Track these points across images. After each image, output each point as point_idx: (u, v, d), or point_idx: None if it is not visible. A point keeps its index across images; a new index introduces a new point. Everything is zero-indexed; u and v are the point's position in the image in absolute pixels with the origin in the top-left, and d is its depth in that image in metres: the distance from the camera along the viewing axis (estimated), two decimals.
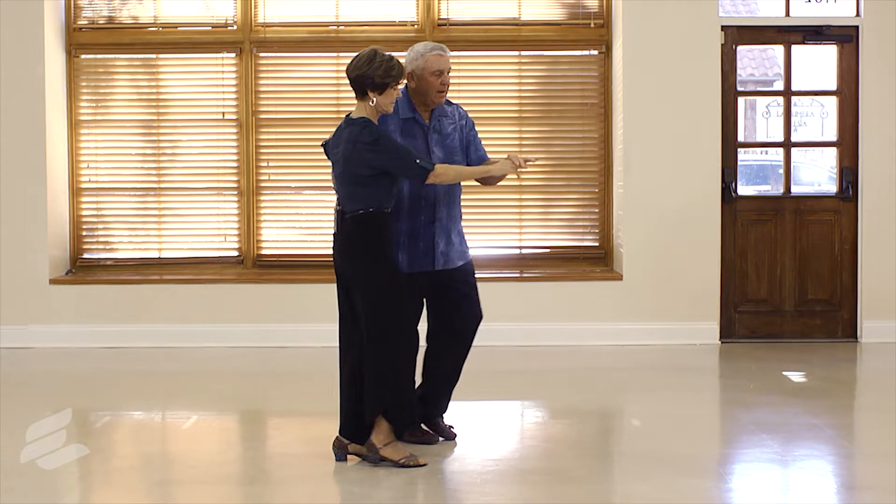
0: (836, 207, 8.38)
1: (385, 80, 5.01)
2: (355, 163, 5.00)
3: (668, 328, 8.18)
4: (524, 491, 4.87)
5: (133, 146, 8.65)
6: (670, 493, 4.76)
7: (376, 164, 4.98)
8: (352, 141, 5.01)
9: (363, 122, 5.03)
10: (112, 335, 8.20)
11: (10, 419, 5.97)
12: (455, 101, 5.63)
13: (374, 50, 5.07)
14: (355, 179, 5.01)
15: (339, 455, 5.17)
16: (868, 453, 5.49)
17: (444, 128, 5.39)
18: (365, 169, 4.98)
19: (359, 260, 5.04)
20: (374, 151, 4.97)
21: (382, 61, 5.01)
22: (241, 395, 6.89)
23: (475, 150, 5.52)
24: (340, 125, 5.17)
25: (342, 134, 5.10)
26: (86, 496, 4.93)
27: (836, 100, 8.40)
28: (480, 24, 8.50)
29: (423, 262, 5.30)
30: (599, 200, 8.56)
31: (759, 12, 9.78)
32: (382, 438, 5.06)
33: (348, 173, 5.03)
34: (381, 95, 5.04)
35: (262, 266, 8.54)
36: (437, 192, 5.29)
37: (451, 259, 5.38)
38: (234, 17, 8.51)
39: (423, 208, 5.28)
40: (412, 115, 5.33)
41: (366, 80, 5.02)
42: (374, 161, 4.98)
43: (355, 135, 5.01)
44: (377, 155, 4.97)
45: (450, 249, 5.37)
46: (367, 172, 4.99)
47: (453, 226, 5.40)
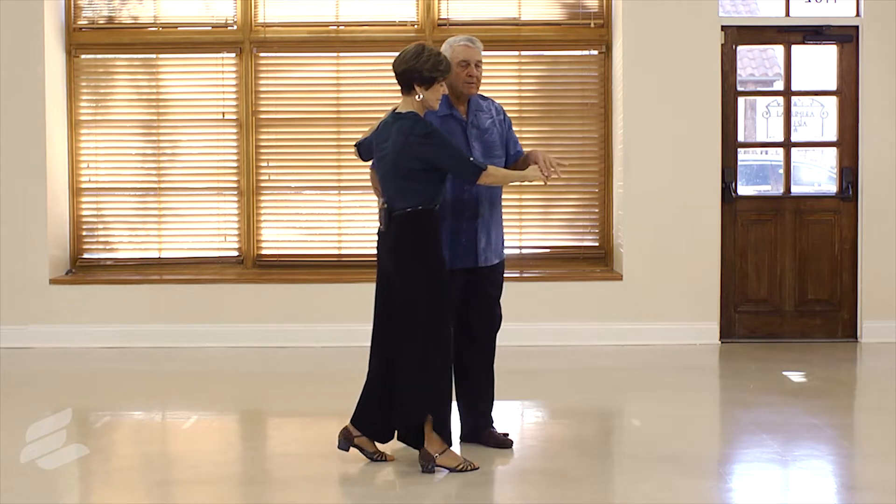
0: (836, 207, 8.38)
1: (433, 74, 4.96)
2: (407, 156, 4.93)
3: (668, 328, 8.18)
4: (524, 491, 4.87)
5: (133, 146, 8.65)
6: (670, 493, 4.76)
7: (429, 157, 4.92)
8: (403, 133, 4.95)
9: (413, 115, 4.98)
10: (112, 335, 8.20)
11: (10, 419, 5.97)
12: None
13: (422, 44, 5.03)
14: (405, 174, 4.94)
15: (343, 444, 5.12)
16: (868, 453, 5.49)
17: (481, 122, 5.35)
18: (417, 162, 4.92)
19: (408, 259, 4.97)
20: (427, 145, 4.91)
21: (430, 55, 4.96)
22: (241, 395, 6.88)
23: (513, 145, 5.48)
24: (384, 121, 5.10)
25: (388, 129, 5.03)
26: (86, 496, 4.93)
27: (836, 100, 8.40)
28: (480, 24, 8.50)
29: (466, 258, 5.27)
30: (599, 200, 8.56)
31: (759, 12, 9.77)
32: (437, 447, 4.98)
33: (398, 168, 4.96)
34: (429, 90, 4.98)
35: (262, 266, 8.54)
36: (480, 189, 5.25)
37: (490, 256, 5.36)
38: (234, 17, 8.51)
39: (467, 204, 5.25)
40: (450, 111, 5.28)
41: (414, 75, 4.95)
42: (427, 154, 4.92)
43: (407, 128, 4.95)
44: (431, 149, 4.92)
45: (489, 247, 5.34)
46: (418, 166, 4.92)
47: (494, 223, 5.37)
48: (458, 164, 4.97)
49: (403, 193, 4.96)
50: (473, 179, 5.01)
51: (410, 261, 4.98)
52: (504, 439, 5.42)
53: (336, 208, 8.54)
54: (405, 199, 4.96)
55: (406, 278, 4.99)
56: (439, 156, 4.94)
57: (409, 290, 4.98)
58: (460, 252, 5.25)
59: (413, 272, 4.98)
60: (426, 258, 4.98)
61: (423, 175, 4.95)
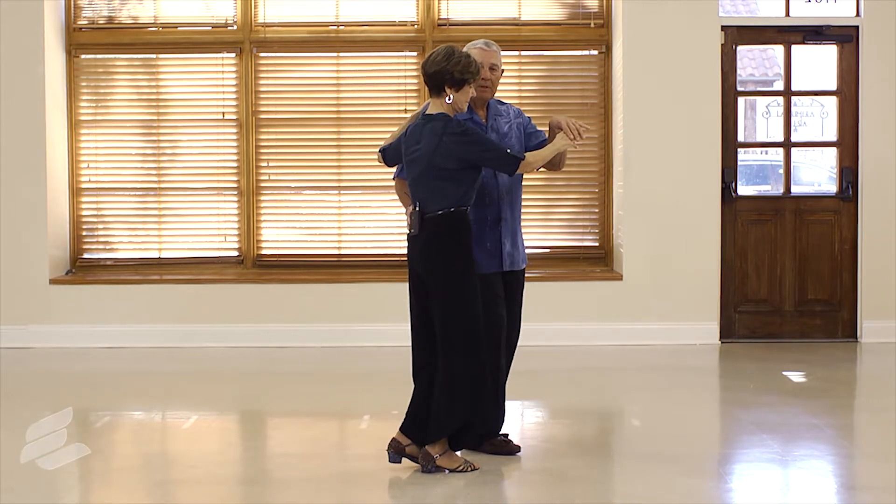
0: (836, 207, 8.38)
1: (464, 76, 4.94)
2: (442, 155, 4.90)
3: (668, 328, 8.18)
4: (524, 491, 4.87)
5: (133, 146, 8.65)
6: (670, 493, 4.76)
7: (467, 155, 4.90)
8: (437, 134, 4.92)
9: (444, 116, 4.96)
10: (112, 335, 8.20)
11: (10, 419, 5.97)
12: None
13: (452, 47, 5.01)
14: (439, 175, 4.91)
15: (393, 457, 5.03)
16: (868, 453, 5.49)
17: (500, 127, 5.31)
18: (453, 162, 4.90)
19: (440, 261, 4.93)
20: (463, 143, 4.89)
21: (461, 57, 4.95)
22: (241, 395, 6.88)
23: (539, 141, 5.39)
24: (413, 124, 5.06)
25: (420, 130, 4.99)
26: (86, 496, 4.93)
27: (836, 100, 8.40)
28: (480, 24, 8.50)
29: (491, 263, 5.20)
30: (599, 200, 8.56)
31: (759, 12, 9.77)
32: (438, 449, 4.97)
33: (432, 169, 4.92)
34: (459, 92, 4.96)
35: (262, 266, 8.54)
36: (501, 191, 5.22)
37: (516, 260, 5.32)
38: (234, 17, 8.51)
39: (489, 208, 5.20)
40: (469, 115, 5.24)
41: (445, 76, 4.93)
42: (464, 153, 4.90)
43: (440, 128, 4.92)
44: (467, 146, 4.90)
45: (515, 251, 5.30)
46: (454, 165, 4.90)
47: (517, 226, 5.34)
48: (496, 157, 4.97)
49: (436, 195, 4.93)
50: (513, 170, 5.01)
51: (444, 263, 4.94)
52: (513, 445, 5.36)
53: (336, 208, 8.54)
54: (438, 200, 4.93)
55: (439, 281, 4.95)
56: (476, 152, 4.93)
57: (443, 292, 4.94)
58: (486, 257, 5.18)
59: (446, 274, 4.94)
60: (460, 260, 4.95)
61: (457, 175, 4.93)
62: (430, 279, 4.98)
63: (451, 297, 4.93)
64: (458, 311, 4.92)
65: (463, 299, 4.93)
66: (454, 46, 5.03)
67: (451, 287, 4.93)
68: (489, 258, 5.20)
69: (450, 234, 4.95)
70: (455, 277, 4.94)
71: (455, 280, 4.94)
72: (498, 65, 5.30)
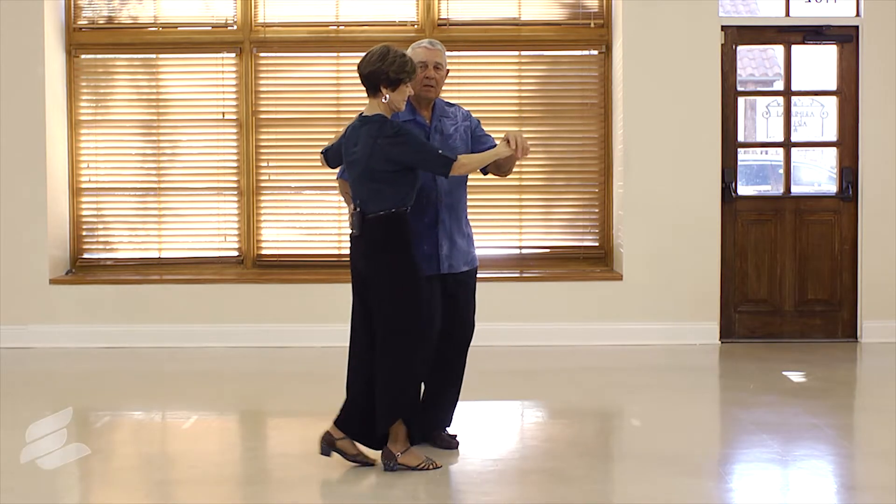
0: (836, 207, 8.38)
1: (399, 75, 4.97)
2: (377, 159, 4.92)
3: (668, 328, 8.18)
4: (524, 491, 4.87)
5: (133, 146, 8.65)
6: (670, 493, 4.76)
7: (399, 158, 4.91)
8: (372, 136, 4.95)
9: (380, 118, 4.99)
10: (112, 335, 8.20)
11: (10, 419, 5.97)
12: (455, 101, 5.61)
13: (388, 46, 5.03)
14: (377, 177, 4.94)
15: (325, 449, 5.08)
16: (868, 453, 5.49)
17: (445, 128, 5.33)
18: (388, 164, 4.91)
19: (381, 260, 4.96)
20: (396, 145, 4.91)
21: (396, 57, 4.97)
22: (241, 395, 6.88)
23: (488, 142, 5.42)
24: (351, 126, 5.11)
25: (357, 133, 5.03)
26: (86, 496, 4.93)
27: (836, 100, 8.41)
28: (480, 24, 8.50)
29: (429, 266, 5.22)
30: (599, 200, 8.56)
31: (759, 12, 9.77)
32: (399, 447, 5.00)
33: (369, 171, 4.95)
34: (395, 92, 4.99)
35: (262, 266, 8.54)
36: (440, 193, 5.24)
37: (455, 263, 5.32)
38: (234, 17, 8.52)
39: (426, 210, 5.21)
40: (412, 116, 5.28)
41: (380, 76, 4.96)
42: (396, 155, 4.91)
43: (375, 131, 4.95)
44: (399, 148, 4.91)
45: (454, 253, 5.30)
46: (389, 168, 4.92)
47: (457, 228, 5.33)
48: (427, 158, 4.97)
49: (375, 196, 4.95)
50: (446, 171, 5.00)
51: (385, 263, 4.97)
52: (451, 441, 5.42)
53: (336, 208, 8.53)
54: (378, 202, 4.95)
55: (381, 281, 4.98)
56: (409, 154, 4.93)
57: (383, 292, 4.98)
58: (423, 259, 5.19)
59: (388, 274, 4.97)
60: (400, 261, 4.97)
61: (394, 177, 4.94)
62: (371, 279, 5.00)
63: (391, 297, 4.96)
64: (398, 311, 4.95)
65: (403, 299, 4.96)
66: (390, 46, 5.04)
67: (391, 287, 4.96)
68: (426, 261, 5.20)
69: (390, 234, 4.96)
70: (395, 277, 4.96)
71: (395, 280, 4.96)
72: (443, 64, 5.33)
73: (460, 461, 5.24)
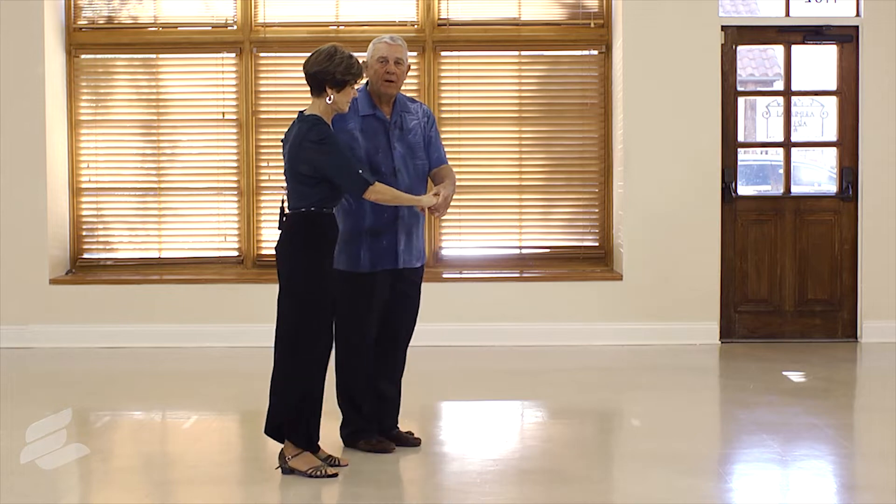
0: (836, 207, 8.38)
1: (345, 77, 4.92)
2: (298, 160, 4.90)
3: (668, 328, 8.18)
4: (524, 491, 4.87)
5: (133, 146, 8.65)
6: (670, 493, 4.76)
7: (317, 164, 4.87)
8: (299, 137, 4.92)
9: (314, 119, 4.93)
10: (112, 335, 8.20)
11: (10, 419, 5.97)
12: (455, 102, 5.61)
13: (335, 46, 4.99)
14: (299, 178, 4.93)
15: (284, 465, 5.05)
16: (868, 453, 5.49)
17: (405, 123, 5.32)
18: (308, 168, 4.89)
19: (292, 259, 4.96)
20: (318, 152, 4.87)
21: (343, 58, 4.93)
22: (241, 395, 6.88)
23: (434, 150, 5.43)
24: (294, 121, 5.07)
25: (291, 130, 5.02)
26: (86, 496, 4.93)
27: (836, 100, 8.40)
28: (480, 24, 8.50)
29: (386, 260, 5.24)
30: (599, 200, 8.56)
31: (759, 12, 9.77)
32: (291, 450, 5.01)
33: (293, 170, 4.94)
34: (340, 93, 4.94)
35: (262, 266, 8.54)
36: (399, 188, 5.19)
37: (410, 258, 5.33)
38: (234, 17, 8.51)
39: (388, 206, 5.18)
40: (372, 111, 5.26)
41: (326, 76, 4.91)
42: (315, 161, 4.87)
43: (303, 132, 4.91)
44: (320, 156, 4.87)
45: (410, 248, 5.32)
46: (308, 172, 4.89)
47: (416, 223, 5.34)
48: (343, 175, 4.91)
49: (299, 194, 4.95)
50: (358, 194, 4.95)
51: (294, 261, 4.96)
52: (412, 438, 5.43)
53: None
54: (300, 199, 4.94)
55: (289, 278, 4.97)
56: (326, 164, 4.88)
57: (291, 288, 4.96)
58: (381, 253, 5.22)
59: (298, 272, 4.95)
60: (310, 261, 4.95)
61: (313, 180, 4.91)
62: (280, 275, 5.00)
63: (297, 295, 4.95)
64: (301, 309, 4.94)
65: (307, 300, 4.94)
66: (337, 46, 5.01)
67: (299, 284, 4.95)
68: (384, 255, 5.22)
69: (305, 233, 4.94)
70: (305, 276, 4.94)
71: (304, 278, 4.94)
72: (403, 59, 5.30)
73: (460, 461, 5.24)
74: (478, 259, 8.57)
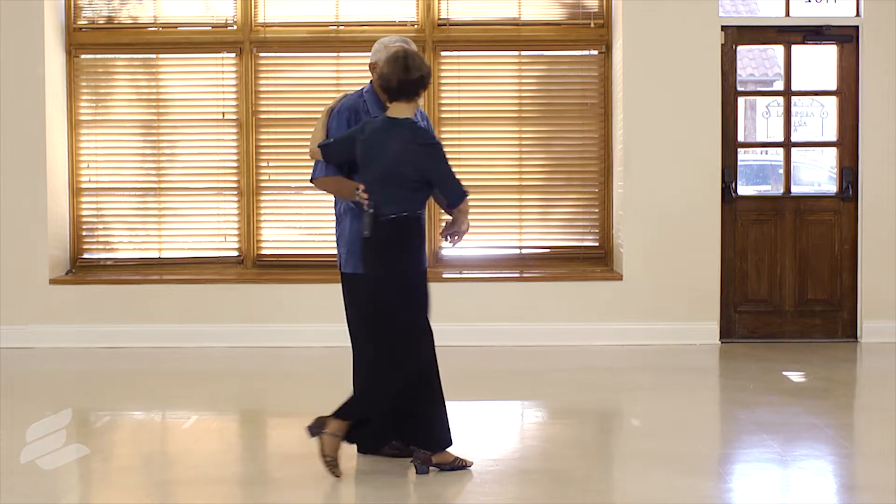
0: (836, 207, 8.38)
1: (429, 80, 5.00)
2: (404, 164, 4.84)
3: (668, 328, 8.18)
4: (524, 491, 4.87)
5: (133, 146, 8.65)
6: (670, 493, 4.76)
7: (425, 168, 4.86)
8: (404, 141, 4.86)
9: (411, 122, 4.91)
10: (112, 335, 8.20)
11: (10, 419, 5.97)
12: (455, 102, 5.61)
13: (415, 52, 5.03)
14: (401, 182, 4.86)
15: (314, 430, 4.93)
16: (868, 453, 5.49)
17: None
18: (412, 172, 4.85)
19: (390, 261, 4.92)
20: (426, 156, 4.86)
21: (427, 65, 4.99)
22: (241, 395, 6.89)
23: None
24: (371, 125, 4.97)
25: (384, 134, 4.90)
26: (86, 496, 4.93)
27: (836, 100, 8.40)
28: (480, 24, 8.50)
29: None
30: (599, 200, 8.56)
31: (759, 12, 9.77)
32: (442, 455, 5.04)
33: (395, 175, 4.86)
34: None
35: (262, 266, 8.54)
36: None
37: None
38: (234, 17, 8.51)
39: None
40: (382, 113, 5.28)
41: (425, 83, 4.94)
42: (423, 165, 4.85)
43: (408, 136, 4.86)
44: (428, 160, 4.86)
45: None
46: (413, 177, 4.86)
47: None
48: (449, 181, 4.91)
49: (397, 199, 4.88)
50: (457, 202, 4.96)
51: (393, 264, 4.91)
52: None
53: None
54: (393, 205, 4.88)
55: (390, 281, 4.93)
56: (435, 169, 4.88)
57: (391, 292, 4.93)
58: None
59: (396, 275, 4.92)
60: (409, 263, 4.93)
61: (416, 185, 4.88)
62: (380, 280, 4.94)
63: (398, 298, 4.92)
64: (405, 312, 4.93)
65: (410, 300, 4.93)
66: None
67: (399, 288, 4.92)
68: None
69: (400, 237, 4.91)
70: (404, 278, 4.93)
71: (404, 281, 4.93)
72: None
73: None
74: (478, 259, 8.57)
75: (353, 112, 5.15)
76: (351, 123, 5.11)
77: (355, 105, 5.18)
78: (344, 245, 5.20)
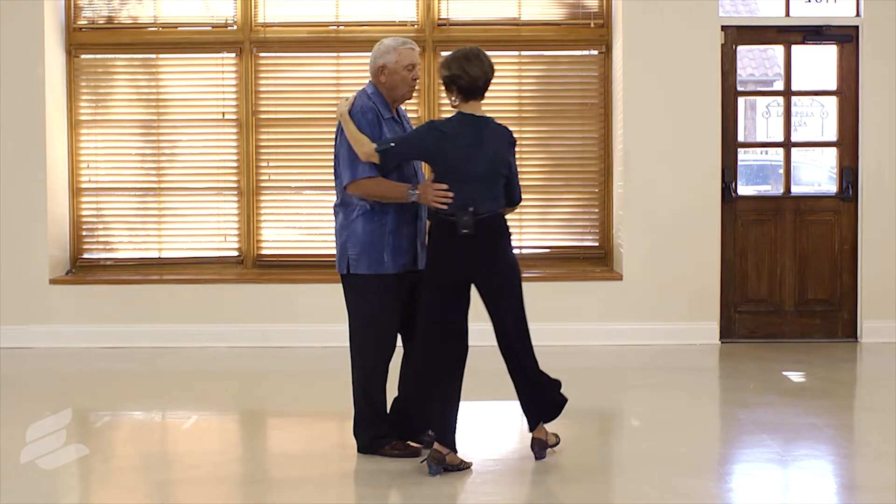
0: (836, 207, 8.38)
1: None
2: (503, 163, 5.08)
3: (668, 328, 8.18)
4: (524, 491, 4.87)
5: (133, 146, 8.65)
6: (670, 493, 4.76)
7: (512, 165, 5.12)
8: (503, 140, 5.10)
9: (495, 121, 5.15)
10: (112, 335, 8.20)
11: (10, 419, 5.97)
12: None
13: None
14: (496, 178, 5.06)
15: (434, 469, 4.93)
16: (868, 453, 5.50)
17: (407, 128, 5.37)
18: (506, 170, 5.09)
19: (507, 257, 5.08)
20: (513, 155, 5.15)
21: None
22: (241, 395, 6.89)
23: None
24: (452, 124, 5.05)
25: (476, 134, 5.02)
26: (86, 496, 4.93)
27: (836, 100, 8.41)
28: (480, 24, 8.50)
29: (407, 261, 5.22)
30: (599, 200, 8.56)
31: (759, 12, 9.77)
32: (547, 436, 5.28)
33: (493, 173, 5.05)
34: None
35: (262, 266, 8.54)
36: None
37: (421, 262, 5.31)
38: (234, 17, 8.52)
39: (408, 206, 5.18)
40: (391, 114, 5.27)
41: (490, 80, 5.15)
42: (512, 164, 5.13)
43: (506, 134, 5.13)
44: (513, 159, 5.15)
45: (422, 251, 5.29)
46: (507, 174, 5.09)
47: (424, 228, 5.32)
48: (517, 179, 5.19)
49: (494, 196, 5.04)
50: (517, 201, 5.22)
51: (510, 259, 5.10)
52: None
53: None
54: (496, 201, 5.05)
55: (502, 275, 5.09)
56: (515, 167, 5.17)
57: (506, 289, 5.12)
58: (402, 254, 5.20)
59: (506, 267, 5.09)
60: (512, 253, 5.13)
61: (505, 182, 5.10)
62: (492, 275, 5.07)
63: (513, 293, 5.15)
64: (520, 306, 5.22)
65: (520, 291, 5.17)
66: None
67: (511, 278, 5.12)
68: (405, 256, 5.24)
69: (502, 230, 5.08)
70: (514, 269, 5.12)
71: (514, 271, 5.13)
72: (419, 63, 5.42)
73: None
74: None
75: (373, 112, 5.18)
76: (375, 123, 5.14)
77: (369, 105, 5.20)
78: (356, 246, 5.18)
